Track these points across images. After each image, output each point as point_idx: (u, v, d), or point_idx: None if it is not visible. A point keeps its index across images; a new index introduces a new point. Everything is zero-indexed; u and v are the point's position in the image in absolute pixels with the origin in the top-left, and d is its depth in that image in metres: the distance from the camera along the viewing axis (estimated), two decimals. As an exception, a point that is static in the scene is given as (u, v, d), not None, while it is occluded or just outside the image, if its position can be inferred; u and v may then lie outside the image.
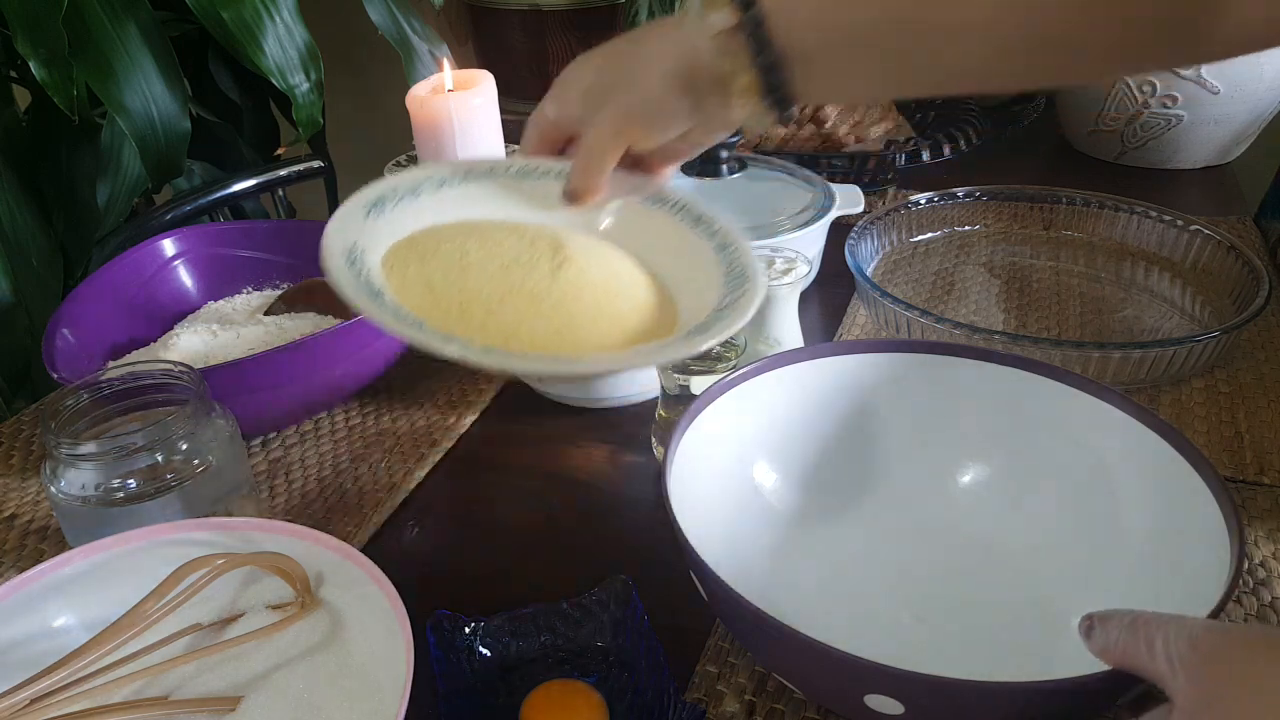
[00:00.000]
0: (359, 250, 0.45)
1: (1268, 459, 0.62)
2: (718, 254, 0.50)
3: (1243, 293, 0.74)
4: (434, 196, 0.50)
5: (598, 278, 0.46)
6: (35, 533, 0.62)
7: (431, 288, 0.45)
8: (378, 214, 0.48)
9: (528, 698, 0.45)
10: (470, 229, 0.48)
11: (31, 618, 0.45)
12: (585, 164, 0.48)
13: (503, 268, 0.45)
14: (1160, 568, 0.47)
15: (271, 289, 0.80)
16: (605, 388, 0.68)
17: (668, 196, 0.52)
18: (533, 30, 1.19)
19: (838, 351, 0.57)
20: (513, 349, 0.43)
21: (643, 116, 0.46)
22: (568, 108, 0.49)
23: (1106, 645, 0.36)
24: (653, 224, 0.52)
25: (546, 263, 0.45)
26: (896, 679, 0.37)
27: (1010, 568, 0.52)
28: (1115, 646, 0.35)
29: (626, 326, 0.45)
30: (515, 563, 0.58)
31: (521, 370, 0.42)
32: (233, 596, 0.48)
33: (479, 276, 0.45)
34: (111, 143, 1.12)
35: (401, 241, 0.48)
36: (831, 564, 0.54)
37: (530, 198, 0.51)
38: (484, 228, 0.49)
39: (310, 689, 0.43)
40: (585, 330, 0.44)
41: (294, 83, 1.01)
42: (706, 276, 0.49)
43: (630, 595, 0.49)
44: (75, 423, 0.52)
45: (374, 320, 0.41)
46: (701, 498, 0.50)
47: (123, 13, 0.97)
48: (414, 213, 0.50)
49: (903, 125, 1.08)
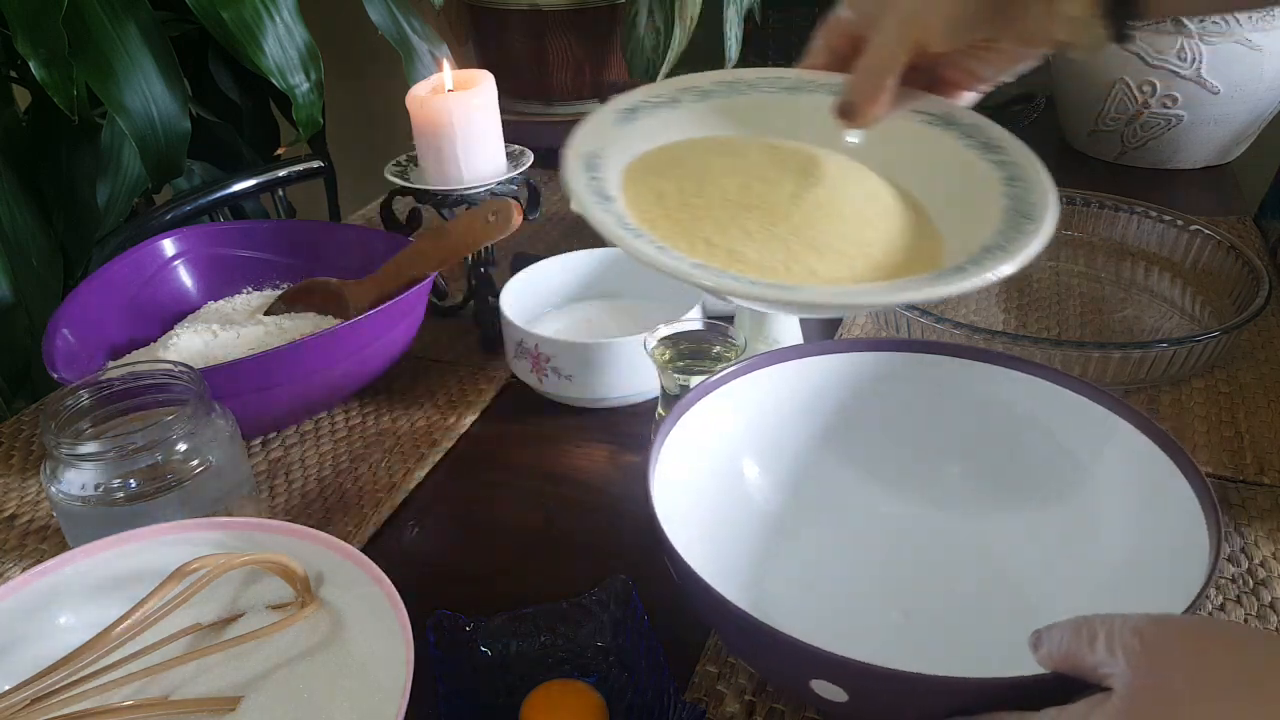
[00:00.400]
0: (600, 156, 0.43)
1: (1267, 459, 0.62)
2: (1005, 185, 0.44)
3: (1243, 293, 0.74)
4: (694, 108, 0.46)
5: (848, 203, 0.41)
6: (35, 533, 0.62)
7: (663, 199, 0.41)
8: (628, 121, 0.45)
9: (528, 698, 0.45)
10: (722, 144, 0.44)
11: (31, 618, 0.45)
12: (866, 69, 0.43)
13: (743, 185, 0.41)
14: (1142, 564, 0.47)
15: (271, 289, 0.80)
16: (605, 387, 0.68)
17: (959, 117, 0.46)
18: (533, 30, 1.19)
19: (827, 351, 0.57)
20: (730, 269, 0.39)
21: (935, 13, 0.40)
22: (863, 5, 0.43)
23: (1051, 651, 0.35)
24: (937, 148, 0.45)
25: (792, 182, 0.41)
26: (836, 665, 0.37)
27: (997, 566, 0.52)
28: (1059, 650, 0.35)
29: (871, 259, 0.41)
30: (515, 563, 0.58)
31: (732, 291, 0.38)
32: (233, 596, 0.48)
33: (715, 192, 0.41)
34: (111, 143, 1.12)
35: (650, 152, 0.44)
36: (820, 561, 0.54)
37: (799, 114, 0.46)
38: (736, 143, 0.44)
39: (310, 689, 0.43)
40: (820, 258, 0.40)
41: (294, 83, 1.01)
42: (984, 211, 0.43)
43: (630, 595, 0.49)
44: (75, 423, 0.52)
45: (595, 223, 0.38)
46: (688, 494, 0.51)
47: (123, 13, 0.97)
48: (671, 123, 0.46)
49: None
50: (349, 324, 0.64)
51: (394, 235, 0.78)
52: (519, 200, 0.74)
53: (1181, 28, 0.95)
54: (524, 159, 0.78)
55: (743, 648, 0.44)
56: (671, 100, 0.46)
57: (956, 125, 0.45)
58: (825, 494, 0.57)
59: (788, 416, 0.57)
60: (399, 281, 0.71)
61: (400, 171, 0.78)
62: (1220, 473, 0.61)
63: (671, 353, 0.61)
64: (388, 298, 0.69)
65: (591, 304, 0.78)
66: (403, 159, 0.80)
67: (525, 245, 0.94)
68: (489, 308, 0.78)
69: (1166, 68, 0.98)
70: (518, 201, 0.69)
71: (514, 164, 0.78)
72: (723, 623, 0.42)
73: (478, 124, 0.74)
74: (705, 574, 0.41)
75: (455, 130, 0.73)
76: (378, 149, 1.08)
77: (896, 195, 0.44)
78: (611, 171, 0.43)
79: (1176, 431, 0.65)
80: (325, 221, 1.05)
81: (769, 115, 0.46)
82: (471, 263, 0.78)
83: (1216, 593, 0.53)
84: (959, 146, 0.45)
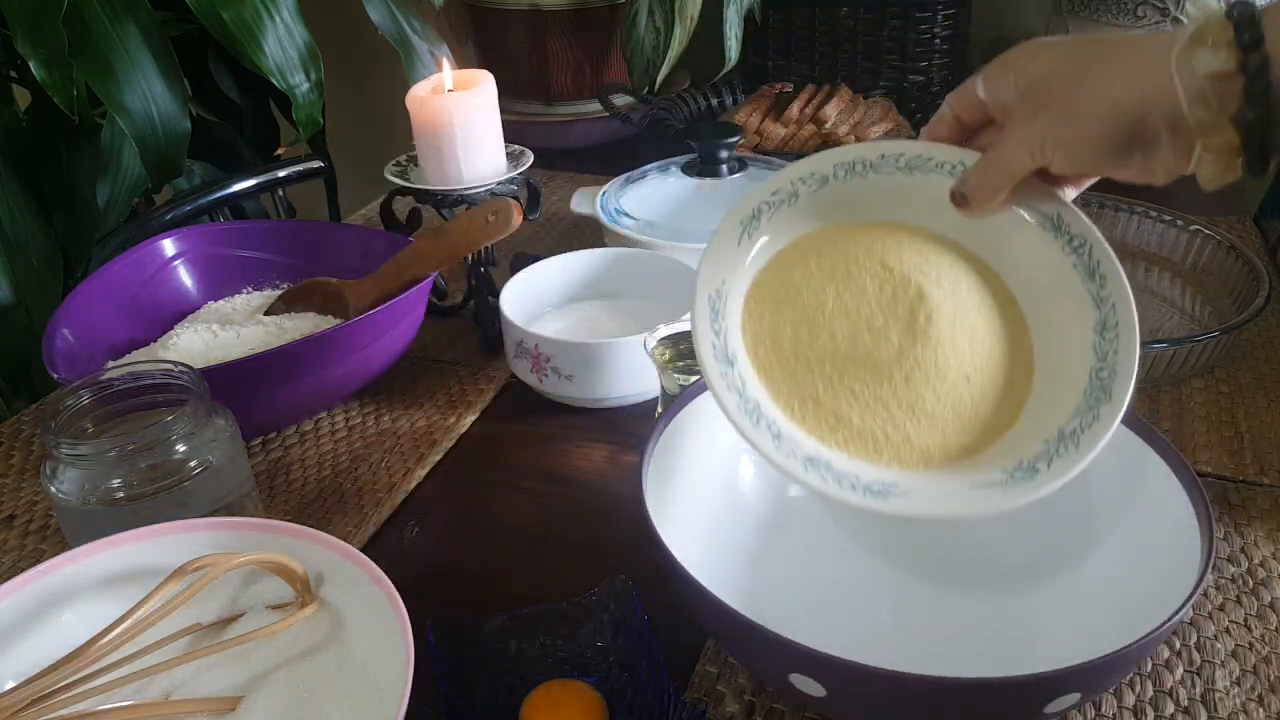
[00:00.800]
0: (724, 294, 0.45)
1: (1267, 459, 0.62)
2: (1095, 335, 0.43)
3: (1243, 293, 0.74)
4: (814, 199, 0.47)
5: (950, 360, 0.43)
6: (35, 533, 0.62)
7: (778, 344, 0.44)
8: (750, 234, 0.47)
9: (528, 698, 0.45)
10: (837, 259, 0.45)
11: (31, 618, 0.45)
12: (988, 169, 0.43)
13: (852, 333, 0.43)
14: (1135, 564, 0.47)
15: (271, 289, 0.80)
16: (605, 387, 0.68)
17: (1068, 223, 0.45)
18: (533, 30, 1.19)
19: None
20: (833, 443, 0.43)
21: (1071, 145, 0.40)
22: (1002, 94, 0.43)
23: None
24: (1043, 258, 0.45)
25: (898, 334, 0.43)
26: (813, 660, 0.38)
27: (989, 567, 0.52)
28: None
29: (962, 418, 0.43)
30: (515, 563, 0.58)
31: (834, 498, 0.41)
32: (233, 596, 0.48)
33: (826, 340, 0.44)
34: (111, 143, 1.12)
35: (768, 268, 0.46)
36: (812, 562, 0.54)
37: (915, 196, 0.47)
38: (851, 257, 0.45)
39: (310, 689, 0.43)
40: (916, 425, 0.43)
41: (294, 83, 1.01)
42: (1072, 358, 0.44)
43: (630, 595, 0.49)
44: (75, 423, 0.52)
45: (720, 404, 0.42)
46: (684, 493, 0.51)
47: (123, 13, 0.97)
48: (793, 220, 0.47)
49: (903, 125, 1.08)
50: (349, 324, 0.64)
51: (394, 235, 0.78)
52: (519, 200, 0.74)
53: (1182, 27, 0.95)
54: (524, 159, 0.78)
55: (727, 641, 0.44)
56: (791, 194, 0.47)
57: (1065, 233, 0.45)
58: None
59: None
60: (399, 281, 0.71)
61: (400, 171, 0.78)
62: (1220, 473, 0.61)
63: (671, 353, 0.61)
64: (388, 298, 0.69)
65: (591, 304, 0.78)
66: (403, 159, 0.80)
67: (525, 245, 0.94)
68: (489, 308, 0.78)
69: (1166, 68, 0.98)
70: (518, 201, 0.69)
71: (514, 164, 0.78)
72: (707, 616, 0.43)
73: (478, 124, 0.74)
74: (699, 573, 0.42)
75: (455, 130, 0.73)
76: (378, 149, 1.08)
77: (995, 325, 0.45)
78: (733, 305, 0.45)
79: (1176, 431, 0.65)
80: (325, 221, 1.05)
81: (885, 199, 0.47)
82: (471, 263, 0.78)
83: (1216, 593, 0.53)
84: (1065, 264, 0.45)
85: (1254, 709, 0.46)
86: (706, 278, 0.45)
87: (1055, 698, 0.37)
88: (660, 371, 0.61)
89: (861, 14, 1.20)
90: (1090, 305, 0.44)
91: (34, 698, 0.39)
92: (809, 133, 1.05)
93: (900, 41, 1.21)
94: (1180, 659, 0.49)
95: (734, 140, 0.85)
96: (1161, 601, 0.40)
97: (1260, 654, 0.49)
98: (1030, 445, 0.42)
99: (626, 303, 0.78)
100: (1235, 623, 0.51)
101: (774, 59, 1.28)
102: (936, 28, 1.19)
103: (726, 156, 0.85)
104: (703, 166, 0.86)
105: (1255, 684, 0.47)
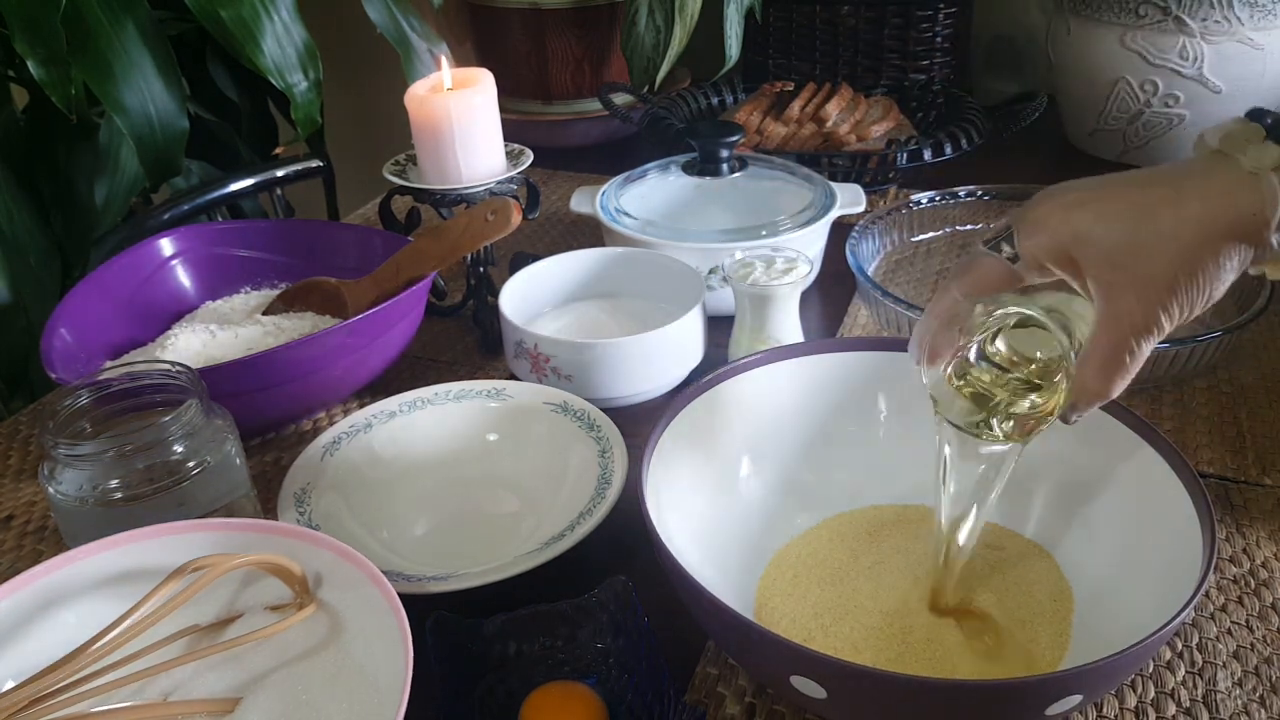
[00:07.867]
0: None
1: (1270, 459, 0.62)
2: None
3: (1244, 293, 0.74)
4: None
5: (969, 656, 0.46)
6: (34, 533, 0.62)
7: (810, 641, 0.47)
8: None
9: (527, 699, 0.45)
10: (871, 538, 0.54)
11: (30, 618, 0.45)
12: (1114, 358, 0.40)
13: (870, 628, 0.48)
14: (1137, 565, 0.47)
15: (270, 289, 0.80)
16: (605, 387, 0.67)
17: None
18: (533, 30, 1.19)
19: (826, 350, 0.57)
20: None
21: (1189, 285, 0.39)
22: (1056, 260, 0.41)
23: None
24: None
25: (923, 627, 0.48)
26: (813, 662, 0.38)
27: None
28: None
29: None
30: (515, 563, 0.57)
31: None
32: (231, 597, 0.47)
33: (852, 628, 0.48)
34: (109, 142, 1.12)
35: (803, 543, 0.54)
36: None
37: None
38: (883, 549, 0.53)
39: (309, 689, 0.43)
40: None
41: (292, 82, 1.01)
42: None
43: (630, 596, 0.49)
44: (73, 423, 0.52)
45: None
46: (685, 491, 0.51)
47: (121, 12, 0.96)
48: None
49: (904, 124, 1.08)
50: (348, 324, 0.64)
51: (393, 235, 0.78)
52: (518, 199, 0.74)
53: (1183, 26, 0.95)
54: (523, 158, 0.78)
55: (728, 643, 0.44)
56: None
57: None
58: (823, 493, 0.57)
59: (785, 415, 0.57)
60: (398, 281, 0.71)
61: (399, 171, 0.78)
62: (1222, 473, 0.61)
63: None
64: (387, 298, 0.69)
65: (591, 304, 0.78)
66: (401, 158, 0.80)
67: (525, 245, 0.94)
68: (488, 307, 0.78)
69: (1168, 67, 0.98)
70: (517, 201, 0.69)
71: (513, 163, 0.77)
72: (707, 616, 0.43)
73: (477, 123, 0.73)
74: (699, 574, 0.41)
75: (454, 129, 0.72)
76: (377, 148, 1.07)
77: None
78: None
79: (1178, 432, 0.65)
80: (324, 221, 1.05)
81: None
82: (470, 262, 0.78)
83: (1218, 593, 0.53)
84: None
85: (1256, 710, 0.46)
86: None
87: (1057, 699, 0.37)
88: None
89: (863, 12, 1.20)
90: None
91: (33, 698, 0.39)
92: (809, 132, 1.05)
93: (901, 40, 1.20)
94: (1182, 660, 0.49)
95: (734, 139, 0.85)
96: (1163, 602, 0.40)
97: (1262, 655, 0.49)
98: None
99: (626, 302, 0.78)
100: (1237, 624, 0.51)
101: (775, 57, 1.28)
102: (938, 26, 1.19)
103: (727, 155, 0.85)
104: (703, 165, 0.85)
105: (1257, 685, 0.47)
